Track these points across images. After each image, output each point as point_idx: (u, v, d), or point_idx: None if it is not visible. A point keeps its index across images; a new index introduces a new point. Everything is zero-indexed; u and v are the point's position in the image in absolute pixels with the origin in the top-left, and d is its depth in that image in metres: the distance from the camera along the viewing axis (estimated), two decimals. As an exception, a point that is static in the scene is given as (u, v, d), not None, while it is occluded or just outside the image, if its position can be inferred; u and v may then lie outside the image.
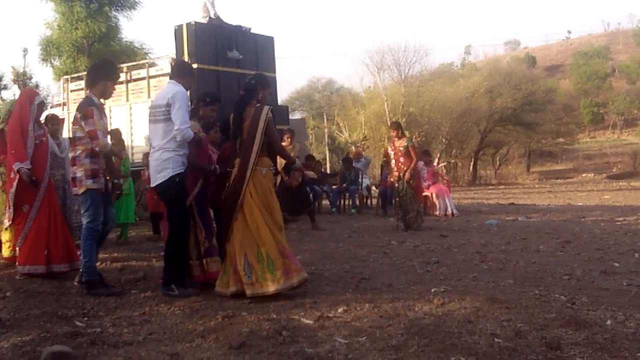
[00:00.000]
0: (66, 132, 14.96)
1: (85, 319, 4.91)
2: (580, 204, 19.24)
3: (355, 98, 46.98)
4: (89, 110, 5.71)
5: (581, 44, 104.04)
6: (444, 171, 38.36)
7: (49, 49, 30.63)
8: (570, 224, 11.93)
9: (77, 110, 5.88)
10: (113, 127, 13.70)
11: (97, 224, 5.81)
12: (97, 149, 5.74)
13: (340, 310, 4.95)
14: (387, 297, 5.36)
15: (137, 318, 4.90)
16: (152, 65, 14.51)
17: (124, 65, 14.86)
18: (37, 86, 37.20)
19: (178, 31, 12.69)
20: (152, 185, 5.93)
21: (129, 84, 14.06)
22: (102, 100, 6.07)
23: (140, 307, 5.30)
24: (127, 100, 14.01)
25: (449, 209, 14.44)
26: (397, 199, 11.05)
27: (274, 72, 14.08)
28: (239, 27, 13.41)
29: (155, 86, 13.57)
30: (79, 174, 5.77)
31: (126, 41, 32.79)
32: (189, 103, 5.82)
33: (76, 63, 29.13)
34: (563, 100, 58.00)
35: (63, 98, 15.76)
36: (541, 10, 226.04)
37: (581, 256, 7.67)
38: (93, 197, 5.78)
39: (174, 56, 12.99)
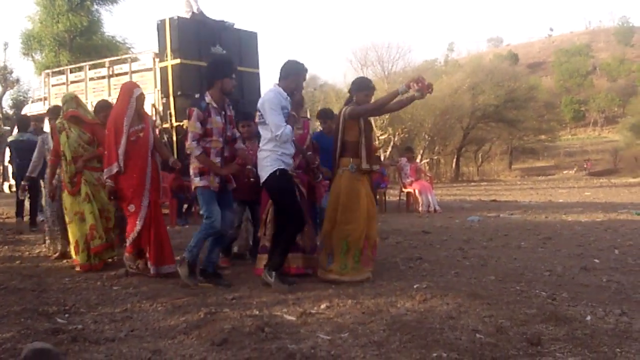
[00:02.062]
0: (47, 128, 14.91)
1: (67, 315, 4.88)
2: (561, 200, 19.42)
3: (338, 94, 46.94)
4: (190, 111, 5.82)
5: (563, 42, 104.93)
6: (427, 168, 38.48)
7: (30, 43, 30.41)
8: (551, 220, 12.03)
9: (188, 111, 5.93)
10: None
11: (213, 220, 5.76)
12: (187, 151, 5.87)
13: (322, 306, 4.96)
14: (370, 293, 5.38)
15: (119, 314, 4.88)
16: (134, 60, 14.40)
17: (106, 60, 14.76)
18: (18, 80, 36.86)
19: (161, 26, 12.60)
20: (261, 182, 5.93)
21: (111, 79, 13.95)
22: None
23: (122, 303, 5.27)
24: (110, 95, 13.86)
25: (432, 205, 14.50)
26: None
27: (258, 68, 14.05)
28: (222, 23, 13.33)
29: (138, 81, 13.44)
30: (191, 171, 5.87)
31: (108, 35, 32.61)
32: (282, 101, 5.76)
33: (58, 57, 28.93)
34: (545, 97, 58.42)
35: (44, 92, 15.62)
36: (524, 8, 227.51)
37: (562, 252, 7.73)
38: (203, 194, 5.80)
39: (157, 51, 12.90)
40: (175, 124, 12.47)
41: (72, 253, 7.03)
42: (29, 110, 16.40)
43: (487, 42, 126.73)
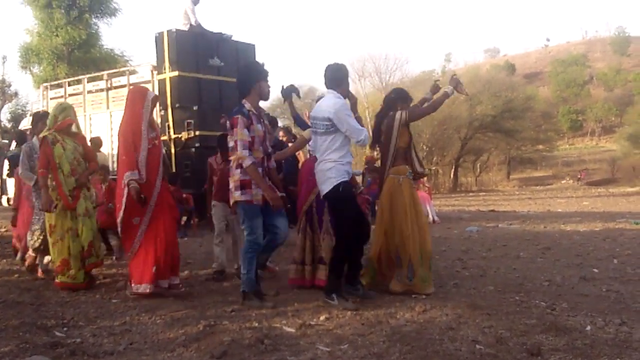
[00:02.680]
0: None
1: (65, 329, 4.86)
2: (559, 210, 19.43)
3: (336, 105, 47.00)
4: (234, 119, 5.44)
5: (560, 52, 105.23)
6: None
7: (29, 56, 30.45)
8: (549, 230, 12.03)
9: (227, 119, 5.60)
10: (94, 135, 13.67)
11: (256, 236, 5.48)
12: (239, 161, 5.47)
13: (322, 318, 4.95)
14: (369, 304, 5.37)
15: (118, 328, 4.86)
16: (132, 72, 14.41)
17: (104, 73, 14.77)
18: (16, 94, 36.91)
19: (159, 38, 12.63)
20: (322, 195, 5.64)
21: (110, 92, 13.96)
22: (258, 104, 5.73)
23: (121, 316, 5.26)
24: (108, 107, 13.90)
25: (430, 215, 14.48)
26: None
27: (255, 79, 14.05)
28: (220, 35, 13.36)
29: (135, 94, 13.49)
30: (231, 185, 5.57)
31: (106, 48, 32.68)
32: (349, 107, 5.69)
33: (56, 70, 28.97)
34: (542, 107, 58.52)
35: (42, 106, 15.60)
36: (520, 18, 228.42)
37: (561, 262, 7.73)
38: (245, 209, 5.51)
39: (155, 63, 12.93)
40: (173, 136, 12.48)
41: (56, 271, 6.57)
42: (27, 123, 16.39)
43: (484, 53, 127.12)
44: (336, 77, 5.70)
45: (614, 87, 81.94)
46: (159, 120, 12.77)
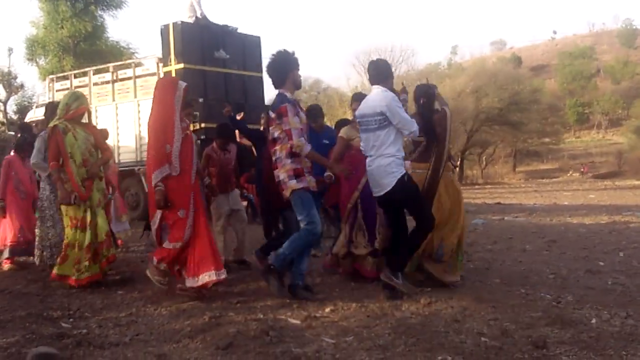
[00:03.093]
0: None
1: (71, 320, 4.88)
2: (565, 203, 19.37)
3: (342, 98, 47.04)
4: (283, 108, 5.37)
5: (566, 44, 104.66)
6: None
7: (34, 48, 30.44)
8: (555, 223, 12.00)
9: (271, 109, 5.53)
10: (102, 127, 13.67)
11: (315, 225, 5.41)
12: (293, 149, 5.37)
13: (327, 310, 4.96)
14: (374, 296, 5.37)
15: (124, 319, 4.88)
16: (138, 65, 14.41)
17: (110, 65, 14.78)
18: (22, 86, 36.92)
19: (164, 31, 12.63)
20: (380, 193, 5.48)
21: (115, 84, 13.97)
22: None
23: (127, 307, 5.27)
24: (114, 100, 13.92)
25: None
26: None
27: (261, 72, 14.02)
28: (225, 27, 13.36)
29: (141, 86, 13.50)
30: (282, 175, 5.45)
31: (112, 41, 32.63)
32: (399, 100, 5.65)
33: (62, 62, 28.95)
34: (548, 100, 58.23)
35: (48, 98, 15.63)
36: (527, 10, 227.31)
37: (567, 255, 7.72)
38: (302, 198, 5.40)
39: (160, 56, 12.93)
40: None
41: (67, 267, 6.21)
42: (33, 115, 16.42)
43: (490, 45, 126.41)
44: (381, 72, 5.64)
45: (621, 80, 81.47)
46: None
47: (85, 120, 6.66)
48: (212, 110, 12.20)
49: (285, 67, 5.54)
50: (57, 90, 15.12)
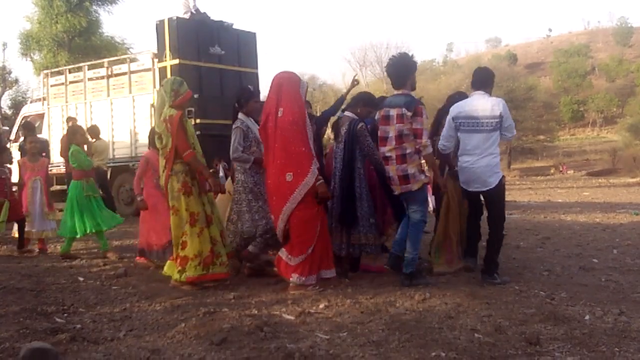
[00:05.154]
0: (45, 128, 14.91)
1: (65, 315, 4.88)
2: (560, 200, 19.42)
3: (337, 94, 46.86)
4: (420, 109, 5.69)
5: (561, 42, 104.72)
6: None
7: (29, 43, 30.38)
8: (549, 220, 12.03)
9: (406, 108, 5.66)
10: (93, 123, 13.67)
11: (426, 217, 5.95)
12: (419, 147, 5.71)
13: (321, 306, 4.96)
14: (369, 293, 5.38)
15: (118, 314, 4.88)
16: (133, 60, 14.40)
17: (105, 60, 14.75)
18: (16, 81, 36.86)
19: (159, 26, 12.60)
20: (481, 189, 6.00)
21: (110, 79, 13.96)
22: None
23: (121, 303, 5.27)
24: (109, 95, 13.91)
25: (431, 204, 14.46)
26: None
27: (256, 68, 14.05)
28: (220, 23, 13.34)
29: (136, 81, 13.49)
30: (412, 170, 5.72)
31: (107, 36, 32.57)
32: None
33: (56, 57, 28.89)
34: (543, 97, 58.42)
35: (43, 93, 15.61)
36: (522, 8, 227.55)
37: (560, 252, 7.74)
38: (424, 192, 5.88)
39: (156, 51, 12.90)
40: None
41: (189, 266, 5.78)
42: (27, 110, 16.39)
43: (485, 43, 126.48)
44: (484, 80, 6.20)
45: (615, 78, 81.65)
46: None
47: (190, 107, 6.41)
48: (208, 106, 12.20)
49: (407, 69, 5.90)
50: (51, 85, 15.11)
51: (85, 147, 8.99)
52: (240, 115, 6.33)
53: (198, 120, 12.01)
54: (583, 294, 5.34)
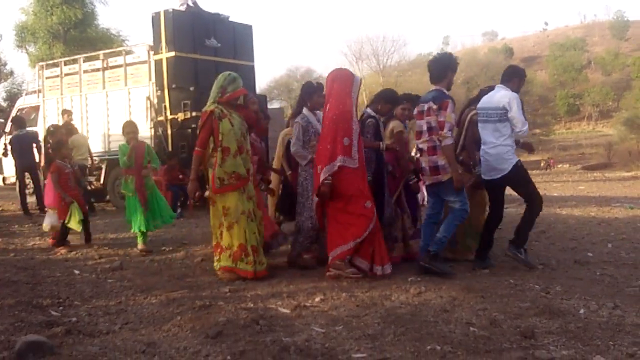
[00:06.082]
0: (41, 120, 14.86)
1: (61, 308, 4.87)
2: (555, 194, 19.45)
3: (333, 87, 46.88)
4: (446, 103, 5.92)
5: (558, 36, 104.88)
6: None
7: (24, 35, 30.29)
8: (545, 214, 12.03)
9: (433, 101, 5.96)
10: (90, 115, 13.64)
11: (468, 205, 6.09)
12: (439, 138, 5.92)
13: (317, 299, 4.97)
14: (364, 286, 5.39)
15: (113, 307, 4.88)
16: (129, 52, 14.34)
17: (100, 53, 14.70)
18: (11, 73, 36.74)
19: (155, 18, 12.55)
20: (497, 176, 6.18)
21: (106, 72, 13.90)
22: None
23: (117, 296, 5.27)
24: (104, 88, 13.85)
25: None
26: None
27: (252, 61, 14.02)
28: (217, 15, 13.30)
29: (132, 74, 13.44)
30: (442, 162, 5.95)
31: (102, 28, 32.48)
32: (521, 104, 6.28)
33: (52, 49, 28.81)
34: (539, 91, 58.58)
35: (38, 85, 15.55)
36: (519, 1, 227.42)
37: (555, 246, 7.76)
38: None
39: (151, 43, 12.86)
40: (170, 116, 12.46)
41: (227, 259, 5.88)
42: (22, 102, 16.33)
43: (482, 36, 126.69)
44: (506, 75, 6.44)
45: (611, 72, 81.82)
46: (155, 101, 12.75)
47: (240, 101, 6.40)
48: (203, 99, 12.13)
49: (447, 67, 6.14)
50: (46, 78, 15.04)
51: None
52: (304, 110, 6.48)
53: (193, 114, 11.98)
54: (578, 287, 5.35)
